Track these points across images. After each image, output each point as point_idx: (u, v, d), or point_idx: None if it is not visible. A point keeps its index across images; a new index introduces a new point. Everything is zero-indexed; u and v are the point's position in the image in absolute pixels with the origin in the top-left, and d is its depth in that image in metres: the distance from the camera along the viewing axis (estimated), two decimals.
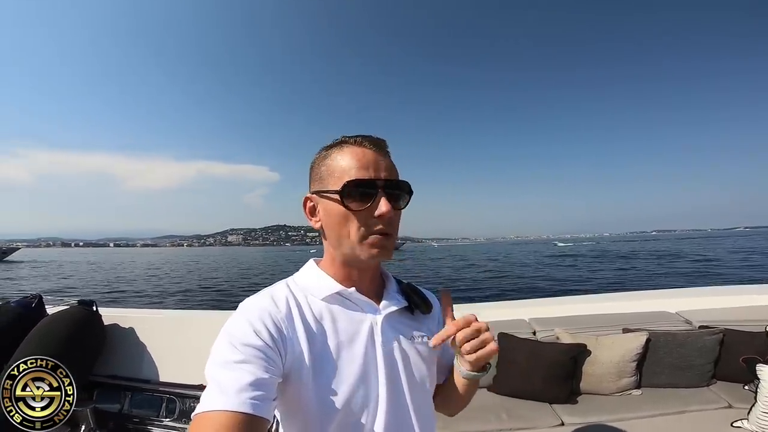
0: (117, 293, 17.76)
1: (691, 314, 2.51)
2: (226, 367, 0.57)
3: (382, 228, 0.67)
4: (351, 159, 0.69)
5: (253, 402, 0.54)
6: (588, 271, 22.81)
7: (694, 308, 2.59)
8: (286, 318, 0.66)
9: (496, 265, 30.22)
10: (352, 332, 0.69)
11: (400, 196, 0.71)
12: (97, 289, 19.36)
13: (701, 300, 2.70)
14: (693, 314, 2.51)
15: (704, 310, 2.53)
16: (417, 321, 0.79)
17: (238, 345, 0.59)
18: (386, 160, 0.71)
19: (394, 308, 0.75)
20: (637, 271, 21.81)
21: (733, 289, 2.96)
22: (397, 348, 0.72)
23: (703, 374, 2.22)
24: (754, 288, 2.92)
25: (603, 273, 21.67)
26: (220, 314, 2.73)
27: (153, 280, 24.16)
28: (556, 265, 28.11)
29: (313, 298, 0.71)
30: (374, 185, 0.67)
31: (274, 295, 0.70)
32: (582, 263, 29.08)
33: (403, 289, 0.81)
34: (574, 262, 30.71)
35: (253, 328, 0.62)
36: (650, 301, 2.75)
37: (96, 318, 2.32)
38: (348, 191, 0.67)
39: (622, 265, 26.06)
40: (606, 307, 2.73)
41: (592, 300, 2.99)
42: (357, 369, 0.66)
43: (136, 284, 21.47)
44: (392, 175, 0.70)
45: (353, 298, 0.72)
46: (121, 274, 29.07)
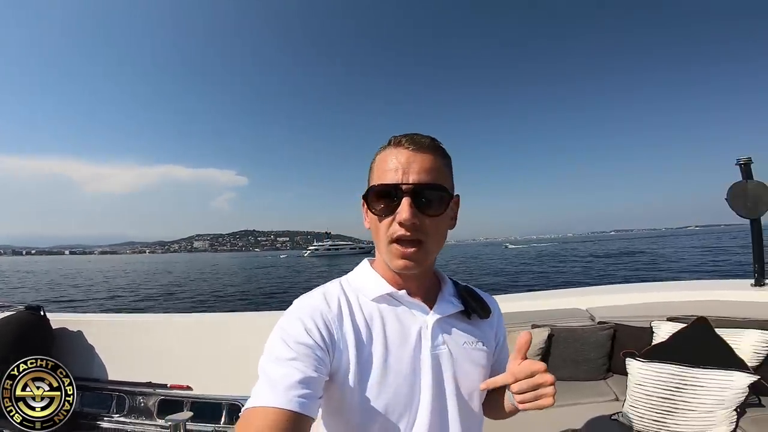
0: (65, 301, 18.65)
1: (597, 311, 2.70)
2: (278, 364, 0.59)
3: (402, 234, 0.65)
4: (385, 161, 0.68)
5: (301, 400, 0.55)
6: (519, 272, 25.83)
7: (601, 305, 2.79)
8: (337, 318, 0.66)
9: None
10: (400, 335, 0.68)
11: (431, 200, 0.66)
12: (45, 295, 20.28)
13: (610, 297, 2.93)
14: (598, 311, 2.70)
15: (608, 307, 2.73)
16: (473, 326, 0.76)
17: (291, 342, 0.61)
18: (423, 160, 0.66)
19: (448, 312, 0.73)
20: (563, 271, 25.09)
21: (639, 287, 3.22)
22: (447, 353, 0.70)
23: (599, 368, 2.37)
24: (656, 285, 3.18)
25: (538, 272, 24.98)
26: (165, 316, 3.02)
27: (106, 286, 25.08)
28: (492, 267, 31.26)
29: (365, 299, 0.71)
30: (397, 189, 0.65)
31: (326, 294, 0.70)
32: (517, 264, 32.57)
33: (460, 292, 0.79)
34: (507, 264, 34.05)
35: (304, 326, 0.63)
36: (565, 299, 2.96)
37: (44, 322, 2.50)
38: (370, 196, 0.67)
39: (554, 264, 30.40)
40: (525, 305, 2.91)
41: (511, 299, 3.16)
42: (402, 372, 0.66)
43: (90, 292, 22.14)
44: (426, 178, 0.65)
45: (404, 301, 0.72)
46: (74, 282, 29.37)
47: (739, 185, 2.82)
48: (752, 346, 1.86)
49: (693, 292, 2.81)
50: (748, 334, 1.89)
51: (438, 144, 0.70)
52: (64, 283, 29.19)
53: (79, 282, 29.60)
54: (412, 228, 0.64)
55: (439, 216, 0.67)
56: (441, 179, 0.67)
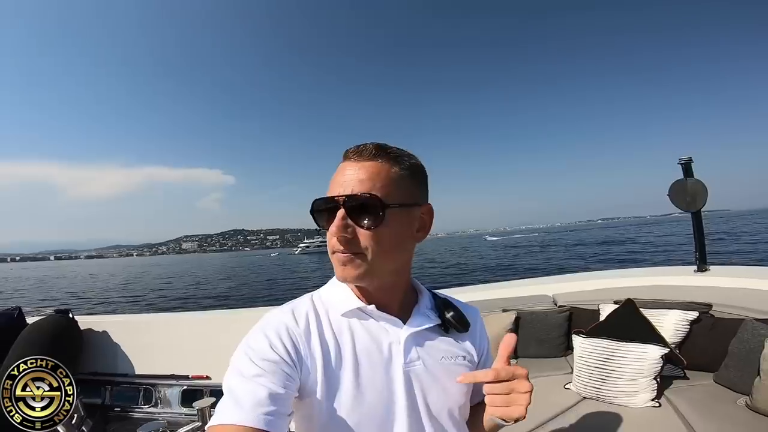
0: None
1: (559, 296, 3.07)
2: (243, 380, 0.58)
3: (335, 247, 0.64)
4: (334, 177, 0.67)
5: (267, 417, 0.54)
6: (492, 263, 27.83)
7: (564, 291, 3.15)
8: (304, 333, 0.65)
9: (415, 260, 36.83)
10: (370, 350, 0.66)
11: (364, 212, 0.63)
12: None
13: (572, 284, 3.30)
14: (560, 296, 3.07)
15: (569, 293, 3.10)
16: (452, 339, 0.74)
17: (255, 358, 0.59)
18: (364, 169, 0.64)
19: (422, 326, 0.71)
20: (535, 261, 27.31)
21: (598, 274, 3.58)
22: (422, 369, 0.68)
23: (559, 346, 2.74)
24: (612, 273, 3.56)
25: (510, 262, 27.04)
26: (181, 315, 3.37)
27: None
28: (467, 258, 32.93)
29: (334, 314, 0.69)
30: (333, 203, 0.64)
31: (295, 309, 0.69)
32: (492, 255, 34.52)
33: (438, 305, 0.76)
34: (482, 256, 35.95)
35: (269, 342, 0.62)
36: (534, 287, 3.36)
37: (73, 324, 2.73)
38: (313, 211, 0.67)
39: (529, 254, 32.99)
40: (498, 293, 3.29)
41: (487, 288, 3.54)
42: (375, 390, 0.64)
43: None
44: (362, 188, 0.62)
45: (373, 315, 0.69)
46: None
47: (680, 183, 3.20)
48: (674, 324, 2.24)
49: (642, 278, 3.20)
50: (671, 314, 2.27)
51: (389, 151, 0.66)
52: (57, 287, 29.68)
53: (65, 285, 30.21)
54: (344, 241, 0.63)
55: (375, 228, 0.62)
56: (383, 187, 0.63)
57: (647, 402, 1.90)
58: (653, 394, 1.92)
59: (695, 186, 3.13)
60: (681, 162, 3.24)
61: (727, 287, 2.71)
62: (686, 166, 3.23)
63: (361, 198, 0.62)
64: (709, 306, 2.32)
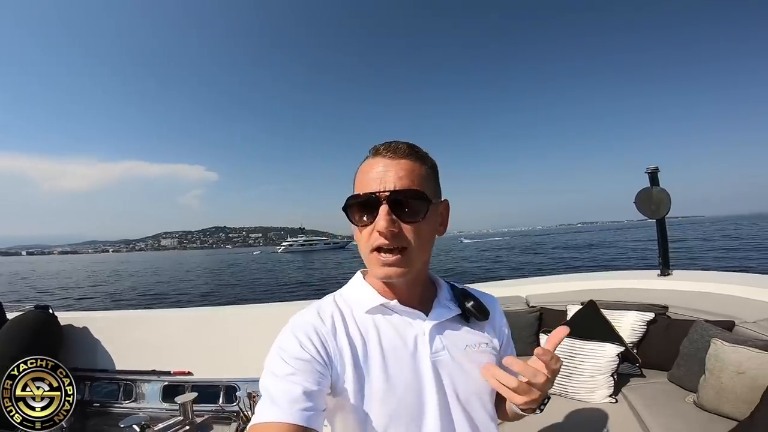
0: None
1: (532, 297, 3.20)
2: (278, 380, 0.60)
3: (382, 243, 0.65)
4: (365, 172, 0.68)
5: (304, 413, 0.57)
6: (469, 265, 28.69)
7: (537, 293, 3.27)
8: (331, 332, 0.67)
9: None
10: (396, 344, 0.68)
11: (409, 206, 0.65)
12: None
13: (545, 286, 3.44)
14: (533, 297, 3.20)
15: (541, 294, 3.23)
16: (474, 328, 0.76)
17: (288, 358, 0.62)
18: (400, 167, 0.66)
19: (444, 317, 0.74)
20: (505, 263, 28.64)
21: (568, 277, 3.73)
22: (447, 358, 0.70)
23: (530, 345, 2.85)
24: (582, 275, 3.71)
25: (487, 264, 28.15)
26: (163, 311, 3.32)
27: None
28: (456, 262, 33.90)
29: (358, 311, 0.71)
30: (374, 198, 0.65)
31: (320, 309, 0.71)
32: (471, 258, 35.75)
33: (457, 295, 0.79)
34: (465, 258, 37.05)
35: (299, 342, 0.64)
36: (510, 288, 3.47)
37: (53, 320, 2.75)
38: (349, 207, 0.68)
39: (499, 256, 34.56)
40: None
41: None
42: (404, 382, 0.66)
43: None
44: (402, 184, 0.65)
45: (397, 310, 0.72)
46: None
47: (646, 191, 3.36)
48: (632, 325, 2.38)
49: (609, 281, 3.35)
50: (629, 315, 2.41)
51: (417, 150, 0.70)
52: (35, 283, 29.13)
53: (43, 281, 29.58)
54: (391, 236, 0.64)
55: (418, 222, 0.66)
56: (420, 185, 0.67)
57: (605, 398, 2.03)
58: (611, 391, 2.05)
59: (660, 194, 3.29)
60: (648, 171, 3.41)
61: (684, 290, 2.88)
62: (653, 175, 3.40)
63: (408, 193, 0.65)
64: (665, 308, 2.47)
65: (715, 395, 1.76)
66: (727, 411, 1.71)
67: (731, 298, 2.61)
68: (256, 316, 3.03)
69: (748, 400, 1.61)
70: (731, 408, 1.69)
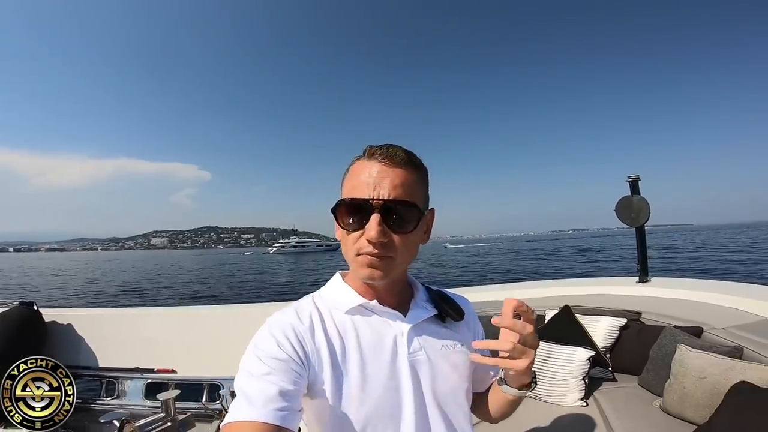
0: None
1: None
2: (253, 379, 0.59)
3: (371, 251, 0.65)
4: (357, 174, 0.67)
5: (279, 413, 0.56)
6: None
7: (518, 298, 3.32)
8: (309, 331, 0.67)
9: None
10: (375, 345, 0.69)
11: (401, 217, 0.66)
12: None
13: (527, 291, 3.52)
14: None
15: (522, 300, 3.27)
16: (449, 329, 0.78)
17: (264, 357, 0.61)
18: (395, 175, 0.66)
19: (421, 318, 0.74)
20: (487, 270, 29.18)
21: (550, 282, 3.80)
22: (425, 359, 0.71)
23: None
24: (564, 281, 3.78)
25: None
26: (147, 309, 3.40)
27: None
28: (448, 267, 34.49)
29: (337, 312, 0.71)
30: (367, 205, 0.64)
31: (298, 309, 0.71)
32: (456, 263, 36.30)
33: (433, 297, 0.80)
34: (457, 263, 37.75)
35: (276, 341, 0.63)
36: (494, 293, 3.53)
37: (37, 316, 2.77)
38: (340, 211, 0.67)
39: (488, 263, 35.22)
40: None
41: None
42: (382, 382, 0.66)
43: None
44: (397, 194, 0.65)
45: (376, 310, 0.72)
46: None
47: (627, 199, 3.43)
48: (605, 330, 2.44)
49: (589, 287, 3.42)
50: (603, 320, 2.47)
51: (413, 158, 0.69)
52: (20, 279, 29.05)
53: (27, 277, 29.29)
54: (380, 246, 0.65)
55: (408, 233, 0.67)
56: (413, 196, 0.67)
57: (576, 401, 2.08)
58: (581, 394, 2.10)
59: (640, 203, 3.36)
60: (629, 179, 3.48)
61: (659, 297, 2.95)
62: (633, 183, 3.47)
63: (402, 204, 0.65)
64: (639, 314, 2.54)
65: (678, 400, 1.81)
66: (690, 416, 1.76)
67: (702, 305, 2.69)
68: (241, 315, 3.06)
69: (708, 405, 1.66)
70: (693, 413, 1.74)
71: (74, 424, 2.44)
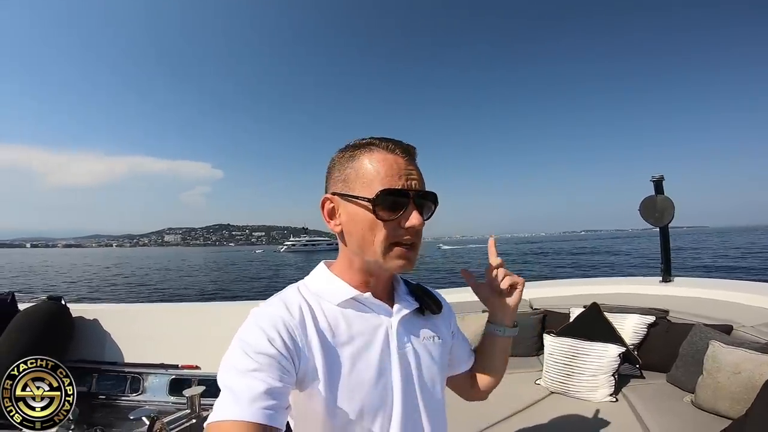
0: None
1: (535, 300, 3.28)
2: (240, 375, 0.57)
3: (409, 239, 0.68)
4: (382, 165, 0.68)
5: (266, 412, 0.54)
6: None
7: (540, 296, 3.35)
8: (300, 325, 0.65)
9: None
10: (368, 337, 0.69)
11: (428, 207, 0.71)
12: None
13: (548, 290, 3.53)
14: (536, 300, 3.28)
15: (544, 298, 3.30)
16: (429, 322, 0.80)
17: (251, 353, 0.59)
18: (416, 169, 0.71)
19: (407, 311, 0.75)
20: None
21: (572, 282, 3.82)
22: (411, 350, 0.73)
23: (532, 345, 2.92)
24: (586, 280, 3.80)
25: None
26: (172, 305, 3.44)
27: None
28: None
29: (328, 304, 0.70)
30: (406, 195, 0.67)
31: (286, 301, 0.68)
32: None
33: (413, 290, 0.82)
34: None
35: (266, 335, 0.61)
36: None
37: (65, 311, 2.82)
38: (381, 200, 0.66)
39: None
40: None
41: (467, 290, 3.77)
42: (373, 375, 0.67)
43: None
44: (422, 186, 0.70)
45: (369, 303, 0.72)
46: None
47: (650, 198, 3.43)
48: (633, 327, 2.46)
49: (612, 286, 3.43)
50: (630, 318, 2.49)
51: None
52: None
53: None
54: (416, 233, 0.69)
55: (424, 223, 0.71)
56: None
57: (606, 397, 2.10)
58: (611, 390, 2.12)
59: (664, 202, 3.37)
60: (653, 179, 3.48)
61: (684, 296, 2.95)
62: (657, 183, 3.47)
63: (430, 195, 0.71)
64: (666, 312, 2.55)
65: (712, 394, 1.82)
66: (723, 410, 1.78)
67: (730, 304, 2.69)
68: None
69: (743, 399, 1.68)
70: (727, 407, 1.76)
71: (102, 421, 2.48)
